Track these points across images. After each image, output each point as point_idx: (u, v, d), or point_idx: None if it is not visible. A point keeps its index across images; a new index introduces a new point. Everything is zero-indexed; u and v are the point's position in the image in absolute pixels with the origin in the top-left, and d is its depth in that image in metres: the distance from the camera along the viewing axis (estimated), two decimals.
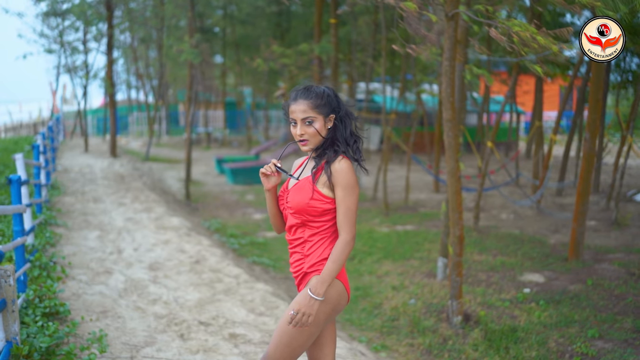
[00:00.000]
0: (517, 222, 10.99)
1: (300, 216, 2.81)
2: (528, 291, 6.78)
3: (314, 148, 2.86)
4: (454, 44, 5.38)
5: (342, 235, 2.77)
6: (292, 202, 2.84)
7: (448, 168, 5.71)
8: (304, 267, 2.85)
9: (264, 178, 2.90)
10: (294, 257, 2.91)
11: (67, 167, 15.41)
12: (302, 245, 2.87)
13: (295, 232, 2.88)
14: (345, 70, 21.18)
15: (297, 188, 2.84)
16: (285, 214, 2.95)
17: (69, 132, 29.76)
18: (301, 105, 2.82)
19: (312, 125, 2.81)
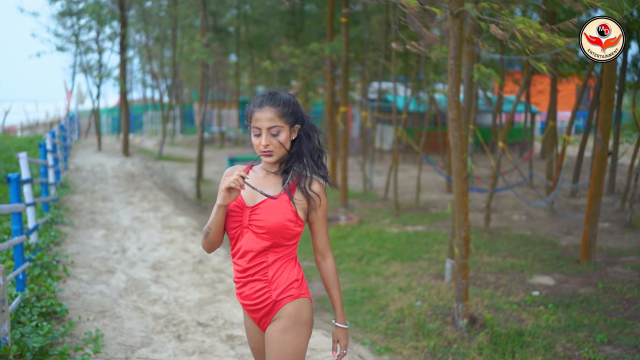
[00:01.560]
0: (529, 224, 10.84)
1: (271, 238, 2.53)
2: (537, 294, 6.65)
3: (277, 161, 2.60)
4: (459, 42, 5.27)
5: (330, 258, 2.69)
6: (265, 222, 2.52)
7: (454, 168, 5.60)
8: (272, 296, 2.57)
9: (226, 193, 2.44)
10: (254, 287, 2.57)
11: (79, 166, 15.47)
12: (263, 272, 2.56)
13: (255, 257, 2.56)
14: (357, 70, 21.09)
15: (272, 207, 2.54)
16: (234, 235, 2.59)
17: (83, 131, 29.96)
18: (267, 112, 2.52)
19: (279, 136, 2.53)
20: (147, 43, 28.91)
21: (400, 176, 15.86)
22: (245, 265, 2.55)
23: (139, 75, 38.12)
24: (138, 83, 38.52)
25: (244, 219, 2.55)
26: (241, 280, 2.58)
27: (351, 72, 19.88)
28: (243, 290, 2.60)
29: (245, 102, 35.53)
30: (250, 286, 2.57)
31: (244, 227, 2.55)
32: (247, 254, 2.55)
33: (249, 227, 2.54)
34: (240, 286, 2.60)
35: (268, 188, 2.58)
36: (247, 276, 2.57)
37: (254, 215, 2.53)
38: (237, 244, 2.58)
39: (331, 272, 2.67)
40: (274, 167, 2.64)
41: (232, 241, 2.62)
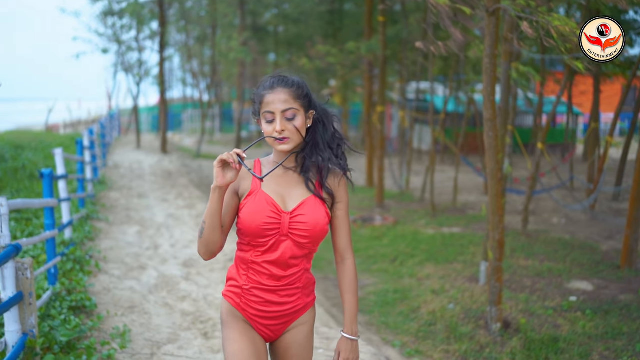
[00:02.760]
0: (569, 227, 10.58)
1: (312, 244, 2.31)
2: (574, 299, 6.46)
3: (292, 150, 2.29)
4: (495, 40, 5.15)
5: (350, 260, 2.44)
6: (310, 230, 2.26)
7: (488, 169, 5.48)
8: (301, 303, 2.40)
9: (219, 170, 2.11)
10: (286, 294, 2.35)
11: (117, 163, 15.72)
12: (298, 279, 2.36)
13: (293, 265, 2.32)
14: (396, 70, 20.94)
15: (313, 210, 2.29)
16: (264, 244, 2.27)
17: (124, 129, 30.46)
18: (281, 94, 2.24)
19: (295, 120, 2.24)
20: (187, 42, 29.25)
21: (438, 177, 15.68)
22: (282, 273, 2.31)
23: (180, 74, 38.59)
24: (178, 82, 38.99)
25: (282, 227, 2.25)
26: (271, 288, 2.32)
27: (390, 72, 19.74)
28: (269, 298, 2.33)
29: None
30: (280, 294, 2.34)
31: (281, 235, 2.26)
32: (285, 262, 2.30)
33: (289, 236, 2.27)
34: (268, 294, 2.33)
35: (293, 188, 2.32)
36: (282, 286, 2.33)
37: (296, 223, 2.27)
38: (269, 253, 2.29)
39: (350, 275, 2.42)
40: (291, 160, 2.35)
41: (256, 248, 2.31)
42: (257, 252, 2.29)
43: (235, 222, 2.33)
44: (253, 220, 2.22)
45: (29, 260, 3.63)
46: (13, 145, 13.42)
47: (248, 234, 2.26)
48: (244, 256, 2.33)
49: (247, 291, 2.34)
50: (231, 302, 2.38)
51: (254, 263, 2.30)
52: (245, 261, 2.33)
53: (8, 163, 11.09)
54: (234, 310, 2.38)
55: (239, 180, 2.30)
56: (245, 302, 2.35)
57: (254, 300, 2.34)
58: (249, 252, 2.31)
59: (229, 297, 2.39)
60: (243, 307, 2.36)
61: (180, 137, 29.79)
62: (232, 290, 2.38)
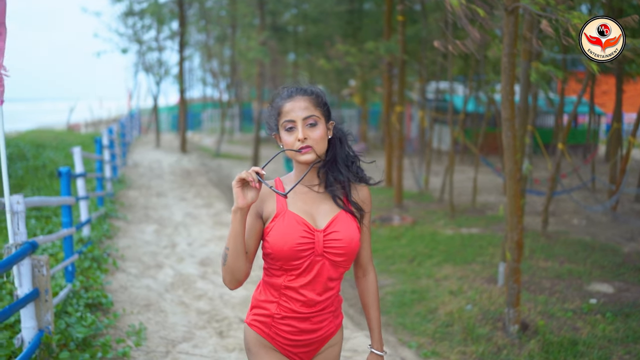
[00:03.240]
0: (590, 229, 10.44)
1: (347, 263, 2.18)
2: (594, 302, 6.36)
3: (314, 162, 2.14)
4: (514, 39, 5.09)
5: (372, 274, 2.35)
6: (346, 243, 2.14)
7: (506, 169, 5.42)
8: (333, 326, 2.28)
9: (239, 190, 1.98)
10: (316, 323, 2.22)
11: (137, 162, 15.84)
12: (332, 302, 2.24)
13: (330, 288, 2.20)
14: (416, 69, 20.85)
15: (346, 226, 2.16)
16: (298, 266, 2.12)
17: (144, 128, 30.68)
18: (300, 101, 2.13)
19: (317, 128, 2.12)
20: (207, 42, 29.39)
21: (457, 177, 15.58)
22: (318, 298, 2.17)
23: (200, 74, 38.77)
24: (198, 81, 39.17)
25: (316, 246, 2.11)
26: (304, 315, 2.18)
27: (409, 72, 19.67)
28: (302, 326, 2.19)
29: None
30: (313, 321, 2.20)
31: (316, 256, 2.12)
32: (321, 285, 2.17)
33: (324, 255, 2.13)
34: (301, 322, 2.19)
35: (321, 205, 2.19)
36: (316, 312, 2.19)
37: (330, 241, 2.14)
38: (302, 277, 2.14)
39: (373, 289, 2.33)
40: (313, 177, 2.23)
41: (288, 271, 2.15)
42: (291, 275, 2.14)
43: (261, 246, 2.20)
44: (285, 242, 2.08)
45: (45, 257, 3.66)
46: (34, 144, 13.57)
47: (280, 257, 2.10)
48: (274, 281, 2.18)
49: (279, 320, 2.19)
50: (259, 331, 2.23)
51: (288, 288, 2.15)
52: (276, 287, 2.17)
53: (29, 162, 11.22)
54: (262, 340, 2.24)
55: (261, 202, 2.16)
56: (275, 331, 2.21)
57: (285, 330, 2.20)
58: (281, 277, 2.16)
59: (256, 327, 2.24)
60: (272, 336, 2.22)
61: (200, 136, 29.94)
62: (260, 319, 2.23)
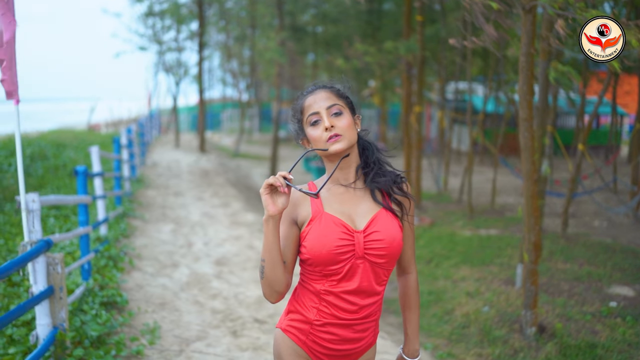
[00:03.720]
0: (611, 231, 10.30)
1: (389, 265, 2.06)
2: (614, 305, 6.26)
3: (348, 148, 2.03)
4: (531, 38, 5.03)
5: (414, 274, 2.24)
6: (387, 243, 2.02)
7: (524, 170, 5.36)
8: (370, 340, 2.14)
9: (268, 197, 1.89)
10: (359, 331, 2.08)
11: (156, 162, 15.95)
12: (377, 309, 2.10)
13: (372, 295, 2.06)
14: (435, 70, 20.76)
15: (387, 225, 2.04)
16: (339, 271, 2.00)
17: (164, 128, 30.89)
18: (322, 93, 2.06)
19: (342, 117, 2.02)
20: (227, 42, 29.51)
21: (476, 178, 15.48)
22: (362, 302, 2.04)
23: (219, 74, 38.92)
24: (218, 82, 39.34)
25: (357, 248, 2.00)
26: (347, 322, 2.05)
27: (429, 72, 19.58)
28: (344, 334, 2.06)
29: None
30: (356, 329, 2.07)
31: (357, 258, 2.00)
32: (365, 289, 2.04)
33: (365, 257, 2.01)
34: (344, 331, 2.06)
35: (359, 204, 2.07)
36: (360, 319, 2.06)
37: (371, 242, 2.02)
38: (345, 280, 2.02)
39: (413, 290, 2.22)
40: (348, 173, 2.10)
41: (328, 276, 2.03)
42: (332, 281, 2.03)
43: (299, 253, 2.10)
44: (323, 245, 1.98)
45: (60, 255, 3.69)
46: (55, 144, 13.72)
47: (318, 262, 2.00)
48: (313, 287, 2.07)
49: (318, 327, 2.07)
50: (294, 339, 2.10)
51: (329, 294, 2.03)
52: (316, 292, 2.06)
53: (50, 161, 11.34)
54: (297, 349, 2.10)
55: (295, 207, 2.06)
56: (313, 339, 2.08)
57: (325, 338, 2.07)
58: (321, 282, 2.05)
59: (291, 334, 2.11)
60: (309, 344, 2.09)
61: (220, 136, 30.09)
62: (297, 325, 2.10)
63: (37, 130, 20.95)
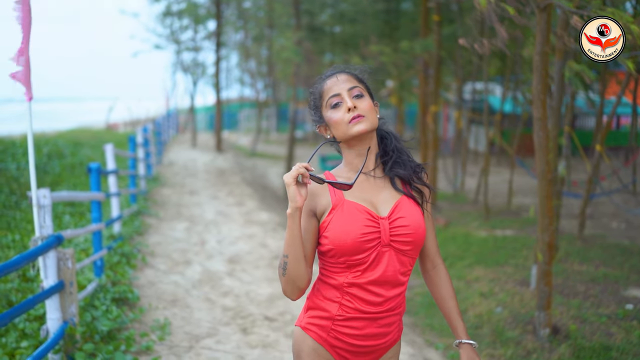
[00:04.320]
0: (629, 232, 10.18)
1: (414, 253, 2.01)
2: (631, 307, 6.18)
3: (371, 131, 2.01)
4: (546, 37, 4.99)
5: (442, 265, 2.18)
6: (413, 229, 1.98)
7: (538, 170, 5.32)
8: (394, 336, 2.09)
9: (295, 188, 1.85)
10: (383, 326, 2.03)
11: (172, 161, 16.05)
12: (401, 301, 2.05)
13: (397, 285, 2.01)
14: (452, 70, 20.68)
15: (412, 211, 2.01)
16: (364, 260, 1.95)
17: (181, 128, 31.07)
18: (342, 76, 2.05)
19: (363, 99, 2.01)
20: (245, 42, 29.62)
21: (493, 179, 15.40)
22: (387, 293, 1.98)
23: (237, 73, 39.05)
24: (236, 81, 39.46)
25: (382, 235, 1.95)
26: (371, 315, 1.99)
27: (446, 72, 19.51)
28: (367, 329, 2.01)
29: None
30: (380, 323, 2.01)
31: (383, 246, 1.95)
32: (390, 280, 1.99)
33: (391, 245, 1.96)
34: (368, 325, 2.00)
35: (380, 192, 2.04)
36: (384, 312, 2.00)
37: (397, 228, 1.98)
38: (369, 271, 1.97)
39: (446, 280, 2.19)
40: (369, 161, 2.08)
41: (352, 267, 1.97)
42: (357, 272, 1.97)
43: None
44: (347, 234, 1.92)
45: (71, 250, 3.72)
46: (72, 143, 13.87)
47: (343, 252, 1.94)
48: (335, 281, 2.01)
49: (341, 323, 2.01)
50: (315, 336, 2.03)
51: (353, 286, 1.98)
52: (339, 285, 2.00)
53: (67, 159, 11.46)
54: (317, 348, 2.03)
55: (313, 198, 2.01)
56: (335, 335, 2.02)
57: (347, 333, 2.01)
58: (343, 275, 1.98)
59: (311, 332, 2.04)
60: (331, 342, 2.02)
61: (237, 136, 30.22)
62: (317, 322, 2.04)
63: (56, 130, 21.18)
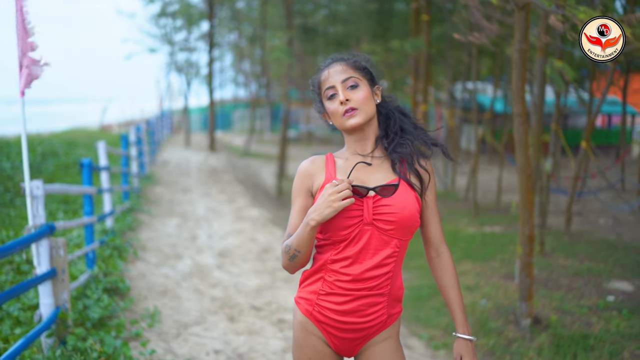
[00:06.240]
0: (615, 228, 10.33)
1: (399, 235, 2.03)
2: (612, 299, 6.32)
3: (365, 122, 2.06)
4: (525, 35, 5.13)
5: (446, 253, 2.19)
6: (397, 214, 2.00)
7: (518, 164, 5.46)
8: (384, 314, 2.10)
9: (338, 205, 1.90)
10: (369, 302, 2.05)
11: (166, 160, 16.16)
12: (386, 283, 2.05)
13: (380, 265, 2.03)
14: (443, 68, 20.83)
15: (399, 193, 2.03)
16: (346, 237, 2.01)
17: (175, 128, 31.15)
18: (337, 66, 2.08)
19: (358, 89, 2.04)
20: (239, 42, 29.70)
21: (484, 177, 15.54)
22: (363, 275, 2.02)
23: (231, 74, 39.10)
24: (230, 82, 39.51)
25: (365, 213, 2.00)
26: (351, 294, 2.03)
27: (438, 71, 19.66)
28: (347, 307, 2.04)
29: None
30: (362, 302, 2.04)
31: (365, 224, 2.00)
32: (367, 260, 2.02)
33: (373, 223, 2.00)
34: (346, 301, 2.04)
35: (375, 173, 2.08)
36: (363, 290, 2.03)
37: (380, 207, 2.01)
38: (350, 247, 2.02)
39: (450, 270, 2.16)
40: (366, 144, 2.13)
41: (336, 244, 2.05)
42: (338, 247, 2.04)
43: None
44: (337, 214, 1.99)
45: (62, 239, 3.86)
46: (66, 143, 13.93)
47: (328, 228, 2.02)
48: (322, 257, 2.09)
49: (323, 298, 2.08)
50: (302, 309, 2.13)
51: (334, 262, 2.05)
52: (323, 262, 2.08)
53: (61, 158, 11.53)
54: (305, 323, 2.12)
55: (311, 178, 2.11)
56: (319, 310, 2.09)
57: (329, 308, 2.07)
58: (329, 252, 2.06)
59: (300, 305, 2.14)
60: (316, 316, 2.10)
61: (231, 136, 30.32)
62: (305, 295, 2.13)
63: (51, 131, 21.22)
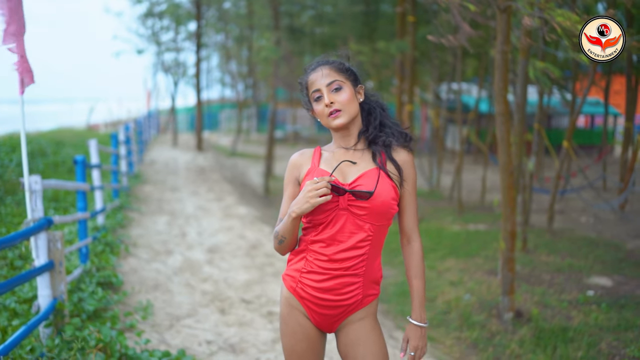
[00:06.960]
0: (596, 226, 10.55)
1: (373, 221, 2.21)
2: (591, 294, 6.50)
3: (349, 122, 2.24)
4: (506, 37, 5.29)
5: (417, 242, 2.36)
6: (370, 201, 2.18)
7: (500, 162, 5.62)
8: (361, 292, 2.26)
9: (310, 205, 2.12)
10: (344, 282, 2.22)
11: (154, 159, 16.22)
12: (361, 265, 2.22)
13: (353, 247, 2.21)
14: (428, 69, 21.02)
15: (373, 182, 2.20)
16: (323, 220, 2.22)
17: (162, 128, 31.13)
18: (323, 70, 2.25)
19: (342, 92, 2.22)
20: (226, 43, 29.74)
21: (469, 176, 15.73)
22: (338, 256, 2.21)
23: (218, 74, 39.09)
24: (217, 82, 39.50)
25: (341, 200, 2.19)
26: (328, 273, 2.22)
27: (423, 72, 19.84)
28: (325, 285, 2.23)
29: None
30: (338, 281, 2.22)
31: (340, 210, 2.20)
32: (342, 242, 2.21)
33: (348, 209, 2.19)
34: (324, 279, 2.23)
35: (357, 164, 2.27)
36: (339, 270, 2.21)
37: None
38: (326, 229, 2.22)
39: (417, 258, 2.33)
40: (350, 139, 2.32)
41: (316, 227, 2.25)
42: (317, 230, 2.23)
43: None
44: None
45: (60, 233, 3.97)
46: (54, 142, 13.94)
47: (310, 212, 2.21)
48: (305, 237, 2.29)
49: (305, 275, 2.26)
50: (287, 286, 2.32)
51: (314, 242, 2.24)
52: (307, 242, 2.28)
53: (49, 157, 11.57)
54: (290, 299, 2.31)
55: (298, 168, 2.33)
56: (302, 287, 2.27)
57: (310, 285, 2.25)
58: (311, 233, 2.26)
59: (286, 281, 2.34)
60: (299, 292, 2.28)
61: (218, 136, 30.36)
62: (290, 273, 2.32)
63: (37, 130, 21.16)
